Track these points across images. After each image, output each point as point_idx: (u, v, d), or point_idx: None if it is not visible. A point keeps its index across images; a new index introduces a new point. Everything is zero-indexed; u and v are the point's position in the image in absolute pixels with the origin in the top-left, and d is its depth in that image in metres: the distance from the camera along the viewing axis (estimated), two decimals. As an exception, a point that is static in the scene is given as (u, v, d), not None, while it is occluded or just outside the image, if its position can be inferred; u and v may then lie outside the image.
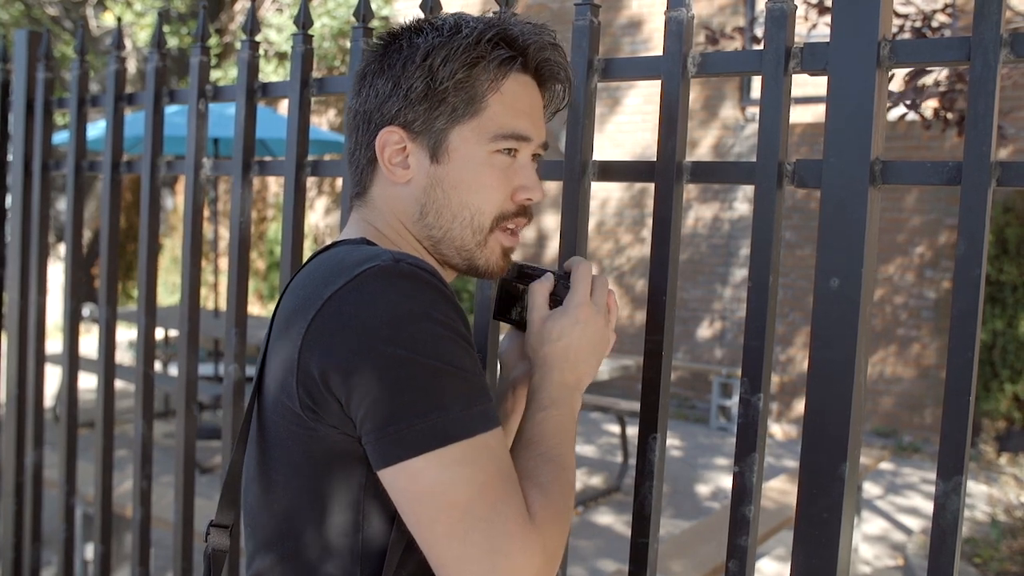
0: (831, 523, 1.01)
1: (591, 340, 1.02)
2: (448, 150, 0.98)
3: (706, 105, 7.71)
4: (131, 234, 10.70)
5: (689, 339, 7.80)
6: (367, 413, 0.84)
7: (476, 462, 0.83)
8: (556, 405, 0.98)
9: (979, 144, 0.95)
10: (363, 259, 0.89)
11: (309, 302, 0.89)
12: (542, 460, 0.92)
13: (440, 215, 1.00)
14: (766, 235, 1.08)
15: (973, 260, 0.96)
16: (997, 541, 4.20)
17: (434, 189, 0.99)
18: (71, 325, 2.11)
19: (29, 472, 2.24)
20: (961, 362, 0.96)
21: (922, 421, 6.80)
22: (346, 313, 0.85)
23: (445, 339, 0.85)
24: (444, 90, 0.96)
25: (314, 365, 0.86)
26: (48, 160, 2.20)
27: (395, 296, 0.85)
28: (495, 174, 0.99)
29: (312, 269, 0.94)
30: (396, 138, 0.99)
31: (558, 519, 0.87)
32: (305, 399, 0.88)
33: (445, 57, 0.95)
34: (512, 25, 0.99)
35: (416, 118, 0.98)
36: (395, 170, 1.00)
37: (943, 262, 6.72)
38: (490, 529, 0.82)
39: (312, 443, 0.89)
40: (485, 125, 0.98)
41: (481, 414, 0.84)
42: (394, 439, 0.82)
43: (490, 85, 0.97)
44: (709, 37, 4.25)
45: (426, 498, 0.82)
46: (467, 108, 0.97)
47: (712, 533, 3.30)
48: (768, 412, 1.10)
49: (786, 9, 1.07)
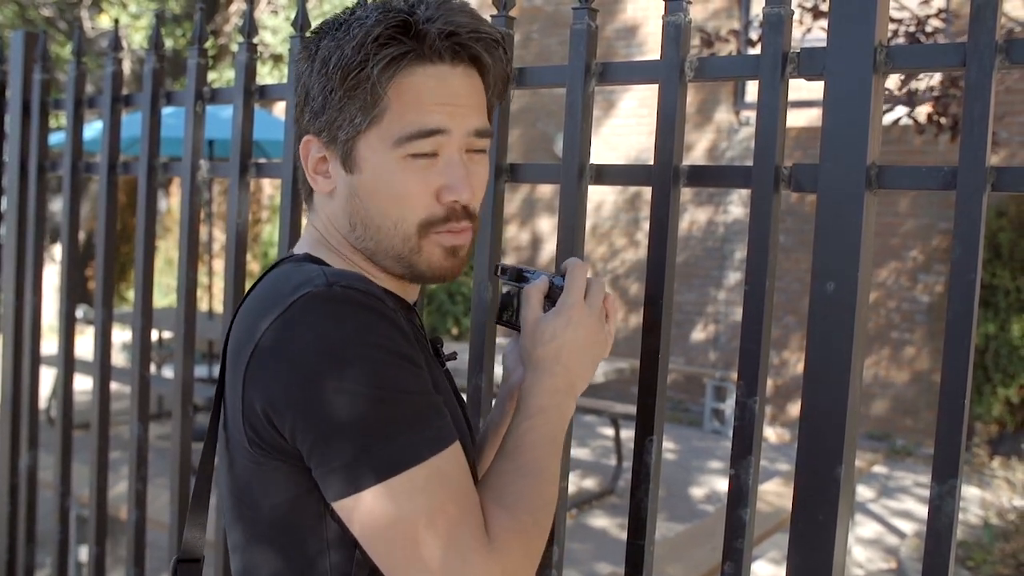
0: (826, 526, 1.02)
1: (584, 341, 0.98)
2: (358, 159, 0.93)
3: (701, 109, 7.73)
4: (125, 235, 10.67)
5: (683, 342, 7.81)
6: (312, 448, 0.82)
7: (426, 489, 0.81)
8: (543, 413, 0.95)
9: (974, 149, 0.96)
10: (298, 284, 0.87)
11: (249, 335, 0.88)
12: (517, 475, 0.90)
13: (366, 226, 0.94)
14: (762, 239, 1.08)
15: (968, 264, 0.96)
16: (990, 544, 4.21)
17: (353, 200, 0.94)
18: (66, 326, 2.11)
19: (24, 474, 2.23)
20: (956, 365, 0.97)
21: (915, 424, 6.82)
22: (280, 347, 0.84)
23: (382, 363, 0.82)
24: (339, 99, 0.90)
25: (257, 402, 0.86)
26: (44, 161, 2.19)
27: (327, 325, 0.83)
28: (411, 179, 0.91)
29: (257, 293, 0.93)
30: (315, 147, 0.95)
31: (522, 538, 0.85)
32: (253, 436, 0.88)
33: (337, 63, 0.89)
34: (411, 12, 0.90)
35: (323, 128, 0.93)
36: (318, 179, 0.97)
37: (936, 266, 6.75)
38: (445, 556, 0.80)
39: (266, 477, 0.89)
40: (388, 130, 0.90)
41: (429, 438, 0.82)
42: (341, 474, 0.81)
43: (384, 87, 0.89)
44: (704, 41, 4.26)
45: (380, 529, 0.81)
46: (365, 115, 0.90)
47: (707, 536, 3.31)
48: (764, 415, 1.11)
49: (783, 14, 1.08)
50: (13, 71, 2.21)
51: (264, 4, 9.70)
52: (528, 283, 1.06)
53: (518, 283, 1.08)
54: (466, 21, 0.91)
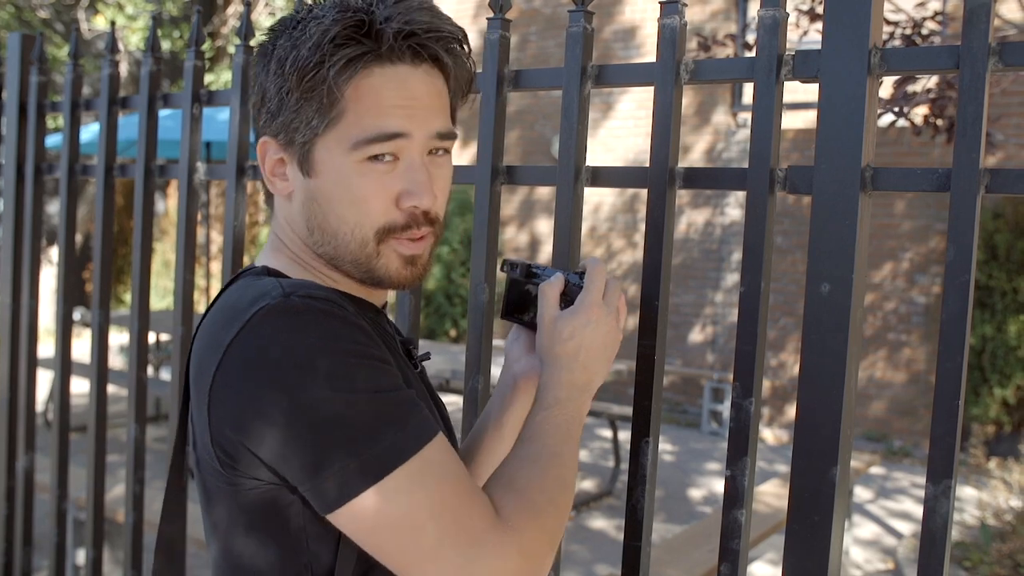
0: (822, 527, 1.02)
1: (602, 340, 0.99)
2: (315, 163, 0.90)
3: (698, 111, 7.74)
4: (122, 238, 10.67)
5: (680, 344, 7.81)
6: (295, 463, 0.80)
7: (422, 481, 0.80)
8: (560, 404, 0.96)
9: (968, 151, 0.97)
10: (255, 298, 0.84)
11: (211, 352, 0.85)
12: (529, 461, 0.90)
13: (324, 231, 0.92)
14: (758, 240, 1.09)
15: (962, 266, 0.97)
16: (986, 545, 4.22)
17: (311, 204, 0.92)
18: (63, 329, 2.11)
19: (21, 476, 2.23)
20: (951, 367, 0.97)
21: (912, 426, 6.83)
22: (246, 363, 0.81)
23: (353, 366, 0.80)
24: (295, 100, 0.88)
25: (225, 422, 0.83)
26: (41, 163, 2.19)
27: (290, 336, 0.81)
28: (369, 184, 0.89)
29: (215, 310, 0.90)
30: (272, 149, 0.93)
31: (537, 517, 0.85)
32: (223, 456, 0.85)
33: (293, 63, 0.86)
34: (368, 11, 0.87)
35: (279, 130, 0.91)
36: (276, 182, 0.94)
37: (933, 267, 6.76)
38: (457, 542, 0.80)
39: (240, 497, 0.86)
40: (345, 133, 0.88)
41: (414, 432, 0.81)
42: (333, 483, 0.79)
43: (341, 89, 0.87)
44: (701, 44, 4.27)
45: (385, 530, 0.80)
46: (323, 118, 0.88)
47: (704, 537, 3.31)
48: (760, 416, 1.11)
49: (778, 17, 1.08)
50: (10, 73, 2.21)
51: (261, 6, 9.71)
52: (539, 279, 1.07)
53: (528, 279, 1.09)
54: (425, 20, 0.88)
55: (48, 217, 9.38)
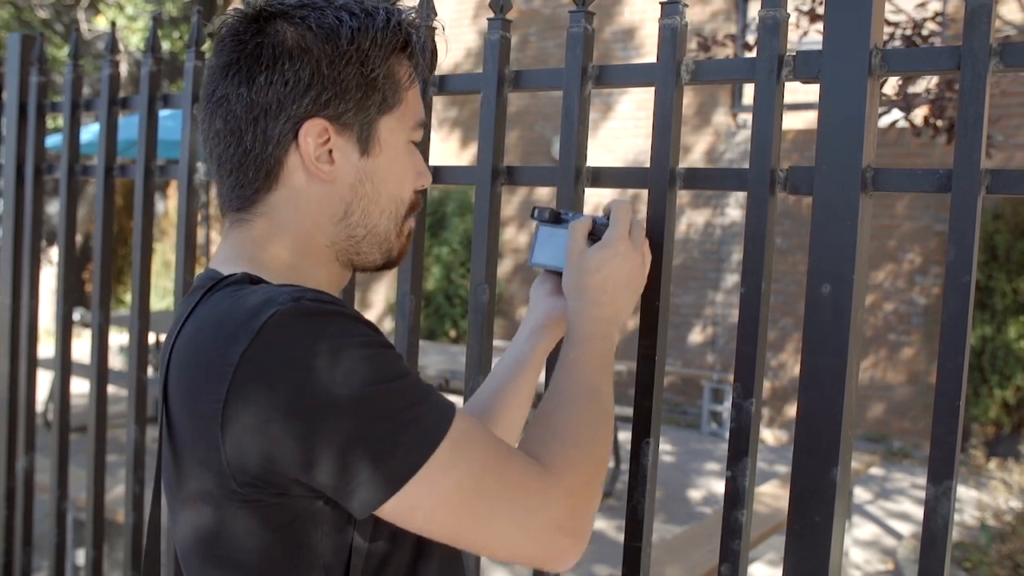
0: (823, 527, 1.02)
1: (629, 273, 1.03)
2: (379, 141, 0.93)
3: (699, 111, 7.74)
4: (122, 238, 10.67)
5: (681, 344, 7.81)
6: (338, 466, 0.78)
7: (464, 449, 0.81)
8: (591, 340, 0.99)
9: (969, 152, 0.97)
10: (259, 305, 0.80)
11: (215, 368, 0.80)
12: (566, 401, 0.93)
13: (368, 212, 0.94)
14: (758, 241, 1.09)
15: (963, 267, 0.97)
16: (986, 546, 4.22)
17: (363, 184, 0.93)
18: (63, 329, 2.11)
19: (20, 477, 2.23)
20: (951, 367, 0.97)
21: (912, 426, 6.83)
22: (268, 374, 0.78)
23: (374, 357, 0.80)
24: (375, 78, 0.90)
25: (248, 441, 0.79)
26: (41, 164, 2.19)
27: (310, 340, 0.78)
28: (410, 163, 0.97)
29: (202, 323, 0.85)
30: (319, 130, 0.90)
31: (580, 457, 0.88)
32: (241, 477, 0.80)
33: (373, 40, 0.89)
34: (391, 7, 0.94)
35: (347, 109, 0.90)
36: (320, 167, 0.91)
37: (933, 268, 6.76)
38: (509, 497, 0.83)
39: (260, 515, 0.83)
40: (407, 113, 0.95)
41: (441, 410, 0.82)
42: (384, 474, 0.78)
43: (406, 71, 0.94)
44: (701, 44, 4.27)
45: (441, 507, 0.81)
46: (394, 96, 0.93)
47: (704, 538, 3.31)
48: (760, 417, 1.11)
49: (779, 18, 1.08)
50: (10, 73, 2.21)
51: (261, 7, 9.69)
52: (569, 222, 1.11)
53: (555, 223, 1.12)
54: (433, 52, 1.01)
55: (48, 217, 9.38)
